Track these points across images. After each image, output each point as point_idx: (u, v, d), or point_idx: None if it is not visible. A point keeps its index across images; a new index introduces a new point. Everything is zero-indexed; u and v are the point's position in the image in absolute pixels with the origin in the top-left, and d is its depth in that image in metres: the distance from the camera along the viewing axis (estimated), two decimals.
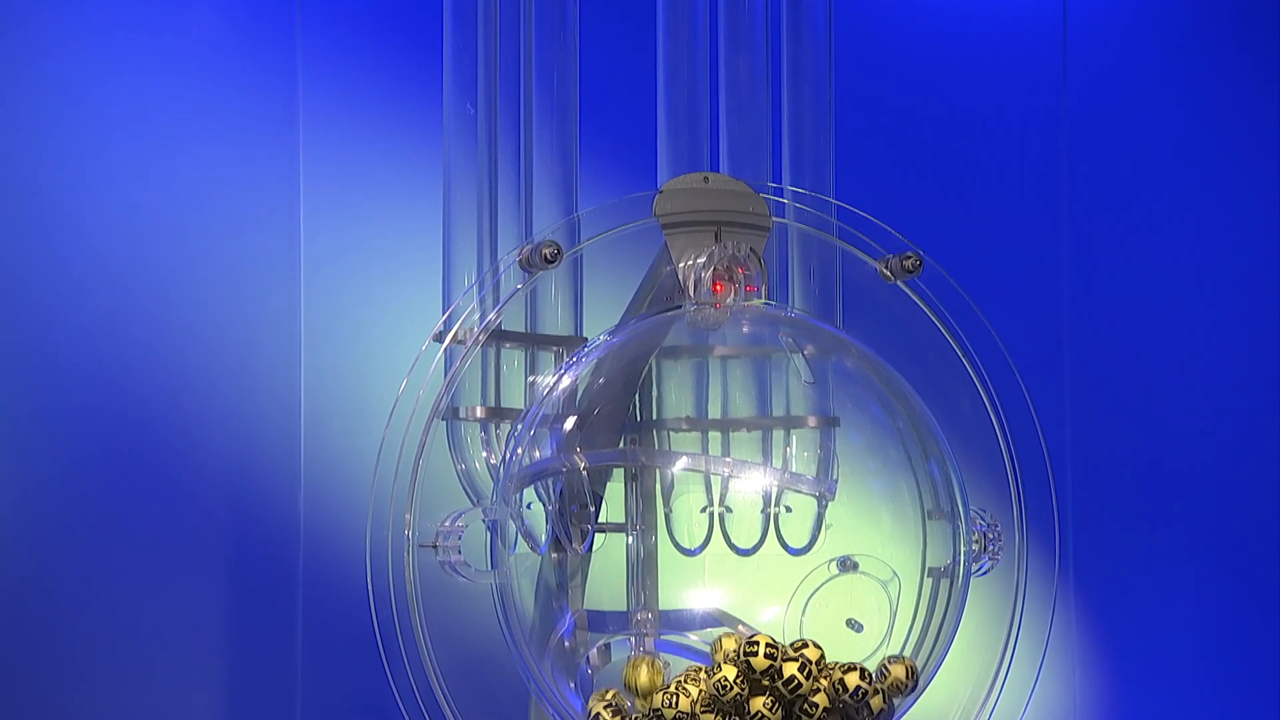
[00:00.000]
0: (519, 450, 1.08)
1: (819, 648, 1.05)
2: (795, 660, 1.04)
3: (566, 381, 1.10)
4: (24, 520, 1.33)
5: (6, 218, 1.33)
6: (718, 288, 1.11)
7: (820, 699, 1.04)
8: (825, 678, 1.05)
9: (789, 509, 1.14)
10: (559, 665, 1.09)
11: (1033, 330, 1.71)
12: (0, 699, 1.32)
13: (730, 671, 1.03)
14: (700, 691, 1.04)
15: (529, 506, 1.08)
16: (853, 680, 1.04)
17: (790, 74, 1.18)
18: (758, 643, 1.03)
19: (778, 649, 1.03)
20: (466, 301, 1.10)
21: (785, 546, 1.13)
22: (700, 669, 1.06)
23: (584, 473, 1.09)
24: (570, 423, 1.10)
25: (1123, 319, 1.76)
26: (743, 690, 1.03)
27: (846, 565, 1.13)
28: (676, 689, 1.04)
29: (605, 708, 1.06)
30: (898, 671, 1.07)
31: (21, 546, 1.32)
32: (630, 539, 1.12)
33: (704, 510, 1.12)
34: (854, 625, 1.12)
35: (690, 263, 1.11)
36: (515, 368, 1.13)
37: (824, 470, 1.14)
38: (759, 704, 1.03)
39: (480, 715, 1.06)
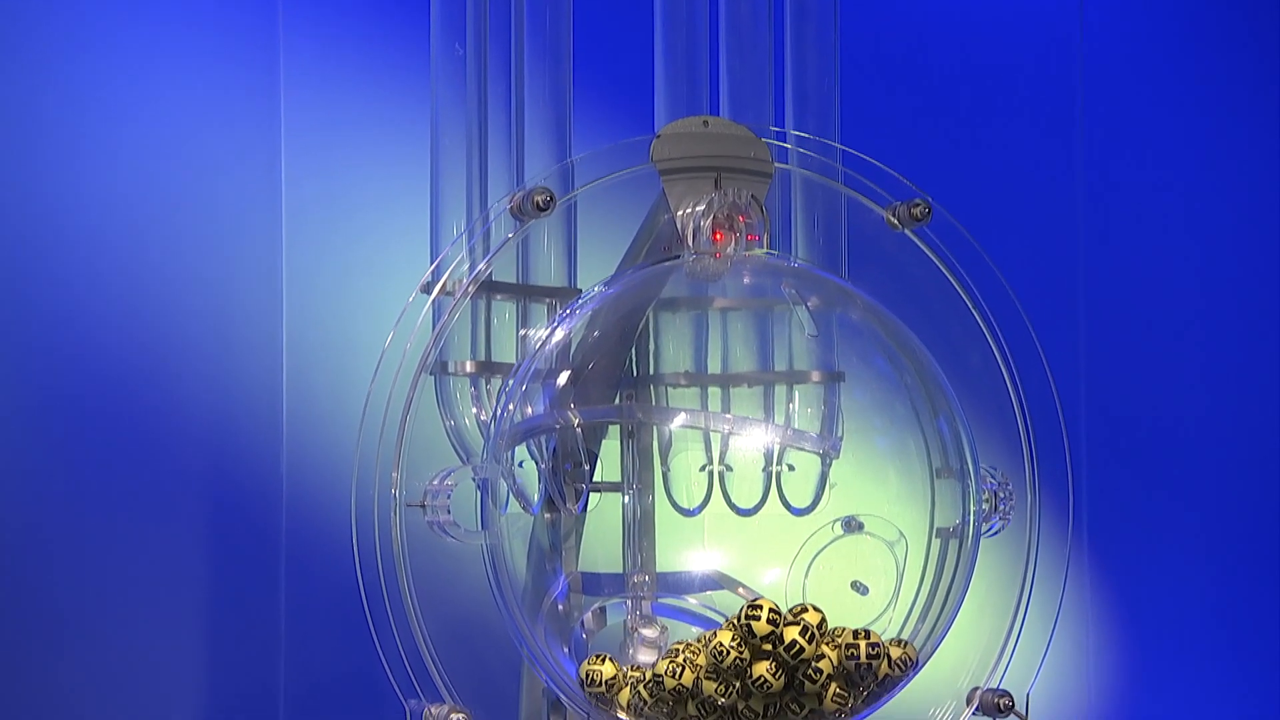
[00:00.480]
0: (510, 406, 1.08)
1: (819, 611, 1.05)
2: (796, 624, 1.04)
3: (560, 335, 1.10)
4: None
5: None
6: (718, 237, 1.11)
7: (824, 664, 1.04)
8: (829, 642, 1.05)
9: (791, 467, 1.13)
10: (552, 629, 1.09)
11: (1047, 281, 1.71)
12: None
13: (726, 637, 1.04)
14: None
15: (521, 465, 1.08)
16: (864, 645, 1.04)
17: (793, 13, 1.17)
18: (760, 606, 1.03)
19: (780, 614, 1.03)
20: (455, 251, 1.09)
21: (788, 506, 1.13)
22: (703, 637, 1.06)
23: (578, 430, 1.09)
24: (564, 378, 1.10)
25: (1141, 269, 1.76)
26: (741, 655, 1.03)
27: (851, 526, 1.14)
28: (684, 660, 1.04)
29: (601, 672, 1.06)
30: (893, 654, 1.07)
31: None
32: (626, 499, 1.12)
33: (703, 469, 1.12)
34: (859, 588, 1.13)
35: (689, 210, 1.11)
36: (506, 320, 1.12)
37: (828, 427, 1.14)
38: (761, 669, 1.04)
39: (470, 681, 1.06)
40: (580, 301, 1.12)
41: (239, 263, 1.40)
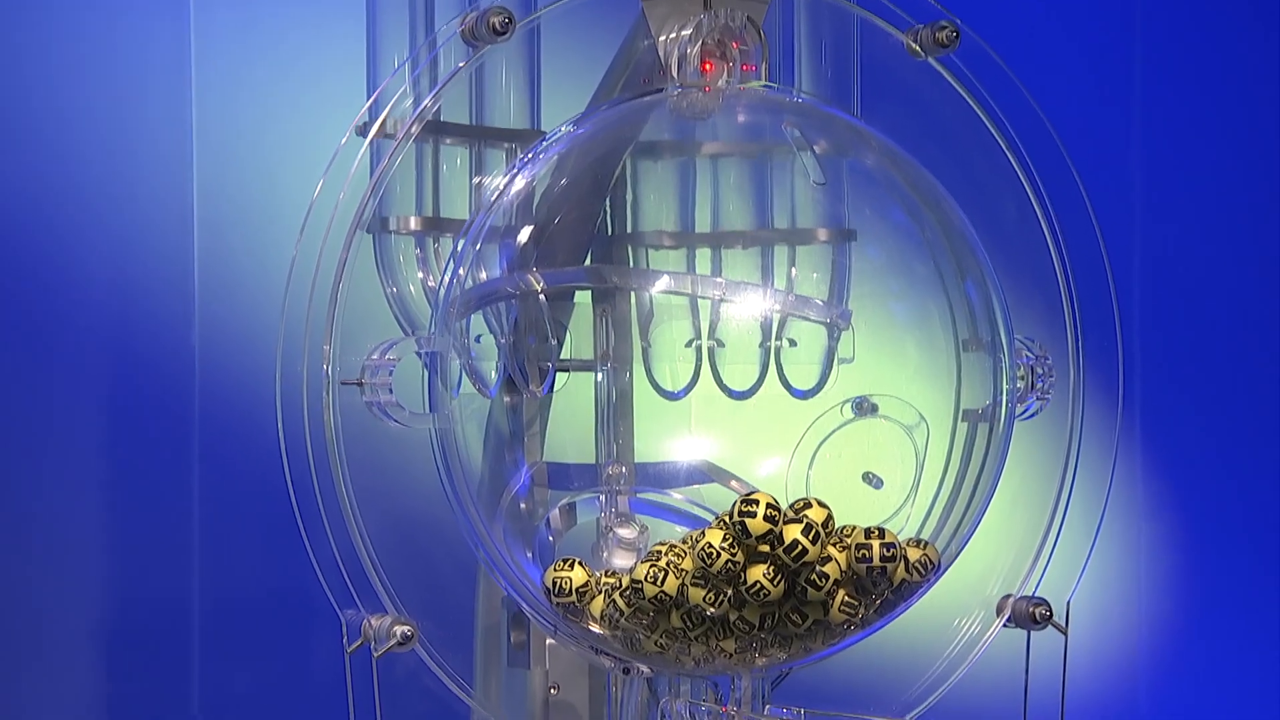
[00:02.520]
0: (462, 270, 1.09)
1: (825, 507, 1.05)
2: (798, 522, 1.04)
3: (520, 184, 1.10)
4: None
5: None
6: (707, 67, 1.10)
7: (831, 568, 1.05)
8: (836, 543, 1.06)
9: (793, 342, 1.14)
10: (513, 529, 1.10)
11: (1096, 119, 1.72)
12: None
13: (716, 537, 1.04)
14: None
15: (478, 339, 1.09)
16: (877, 546, 1.05)
17: None
18: (756, 501, 1.04)
19: (779, 511, 1.04)
20: (396, 84, 1.09)
21: (788, 387, 1.14)
22: (690, 537, 1.07)
23: (542, 297, 1.09)
24: (525, 235, 1.10)
25: (1211, 109, 1.76)
26: (733, 558, 1.04)
27: (863, 408, 1.14)
28: (667, 565, 1.05)
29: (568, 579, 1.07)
30: (911, 556, 1.08)
31: None
32: (600, 377, 1.13)
33: (690, 344, 1.13)
34: (872, 480, 1.13)
35: (673, 35, 1.11)
36: (458, 168, 1.13)
37: (836, 293, 1.15)
38: (757, 574, 1.04)
39: (416, 589, 1.07)
40: (544, 145, 1.11)
41: (139, 101, 1.41)
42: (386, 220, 1.11)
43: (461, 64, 1.09)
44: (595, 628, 1.07)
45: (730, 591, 1.05)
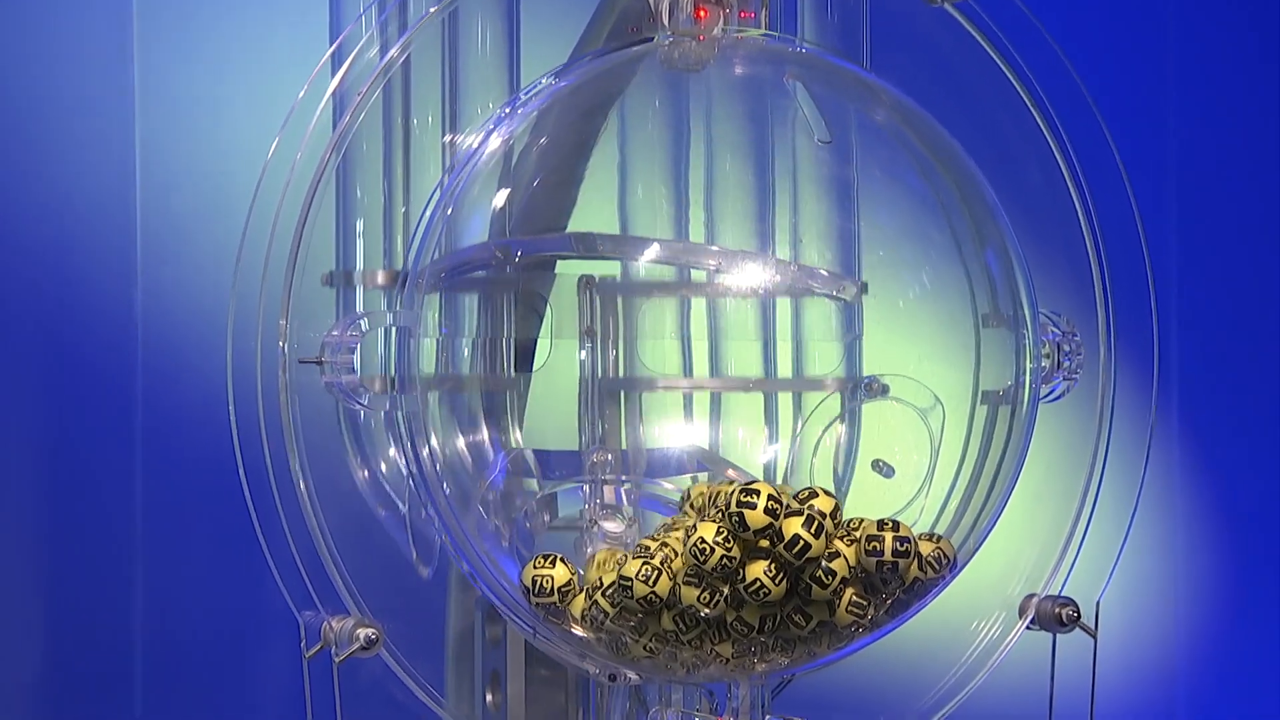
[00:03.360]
0: (432, 234, 1.08)
1: (832, 497, 1.04)
2: (799, 515, 1.03)
3: (496, 142, 1.10)
4: None
5: None
6: (701, 13, 1.10)
7: (838, 565, 1.04)
8: (844, 536, 1.05)
9: (800, 318, 1.15)
10: (487, 523, 1.09)
11: (1130, 72, 1.72)
12: None
13: (709, 530, 1.03)
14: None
15: (450, 314, 1.09)
16: (889, 539, 1.04)
17: None
18: (757, 492, 1.03)
19: (781, 504, 1.03)
20: (359, 31, 1.10)
21: (796, 369, 1.15)
22: (674, 522, 1.07)
23: (521, 266, 1.10)
24: (501, 198, 1.10)
25: (1244, 63, 1.77)
26: (729, 553, 1.02)
27: (873, 389, 1.14)
28: (661, 564, 1.04)
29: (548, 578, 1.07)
30: (925, 551, 1.07)
31: None
32: (583, 356, 1.12)
33: (680, 327, 1.14)
34: (882, 469, 1.13)
35: None
36: (429, 125, 1.13)
37: (844, 263, 1.14)
38: (757, 571, 1.03)
39: (381, 588, 1.07)
40: (523, 99, 1.12)
41: (75, 43, 1.41)
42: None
43: (433, 8, 1.10)
44: (578, 630, 1.07)
45: (727, 590, 1.04)
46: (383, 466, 1.12)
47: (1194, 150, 1.76)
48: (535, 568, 1.06)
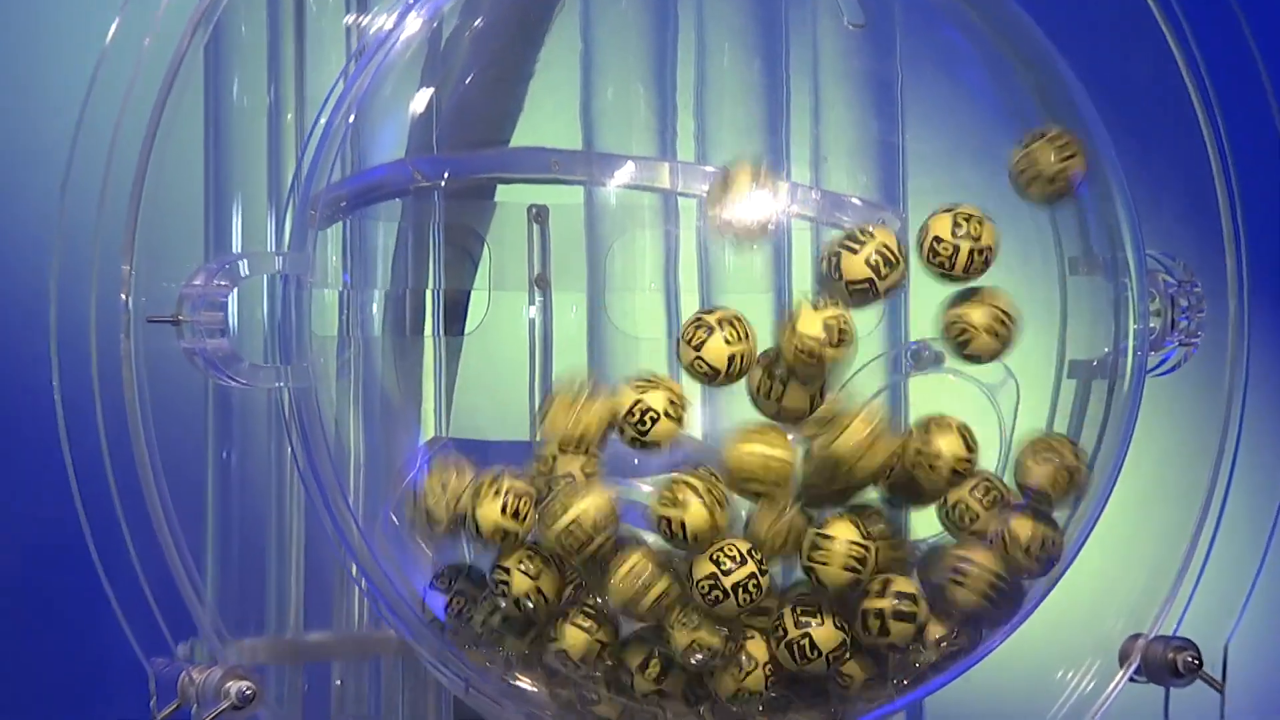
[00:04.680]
0: (330, 148, 1.03)
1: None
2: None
3: (417, 24, 1.05)
4: None
5: None
6: None
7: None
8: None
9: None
10: (403, 534, 1.04)
11: None
12: None
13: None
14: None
15: (355, 256, 1.06)
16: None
17: None
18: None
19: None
20: None
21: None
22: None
23: (448, 192, 1.06)
24: (424, 99, 1.06)
25: None
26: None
27: (922, 359, 1.08)
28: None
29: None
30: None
31: None
32: (533, 313, 1.10)
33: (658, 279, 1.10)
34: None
35: None
36: (328, 3, 1.10)
37: (884, 188, 1.09)
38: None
39: (258, 623, 1.06)
40: None
41: None
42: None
43: None
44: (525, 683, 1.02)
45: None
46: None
47: None
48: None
